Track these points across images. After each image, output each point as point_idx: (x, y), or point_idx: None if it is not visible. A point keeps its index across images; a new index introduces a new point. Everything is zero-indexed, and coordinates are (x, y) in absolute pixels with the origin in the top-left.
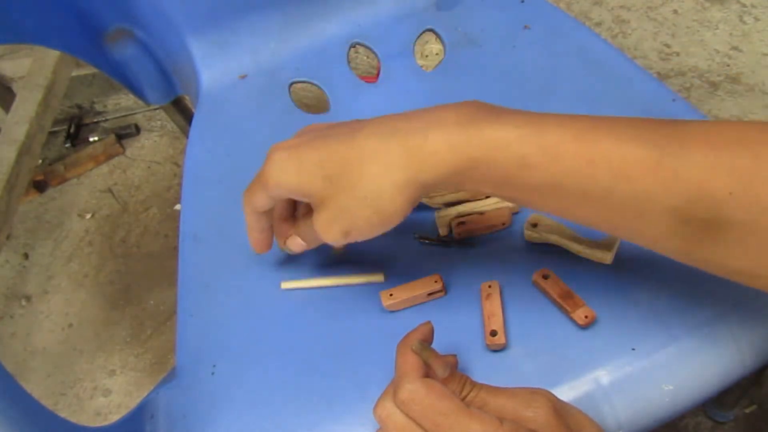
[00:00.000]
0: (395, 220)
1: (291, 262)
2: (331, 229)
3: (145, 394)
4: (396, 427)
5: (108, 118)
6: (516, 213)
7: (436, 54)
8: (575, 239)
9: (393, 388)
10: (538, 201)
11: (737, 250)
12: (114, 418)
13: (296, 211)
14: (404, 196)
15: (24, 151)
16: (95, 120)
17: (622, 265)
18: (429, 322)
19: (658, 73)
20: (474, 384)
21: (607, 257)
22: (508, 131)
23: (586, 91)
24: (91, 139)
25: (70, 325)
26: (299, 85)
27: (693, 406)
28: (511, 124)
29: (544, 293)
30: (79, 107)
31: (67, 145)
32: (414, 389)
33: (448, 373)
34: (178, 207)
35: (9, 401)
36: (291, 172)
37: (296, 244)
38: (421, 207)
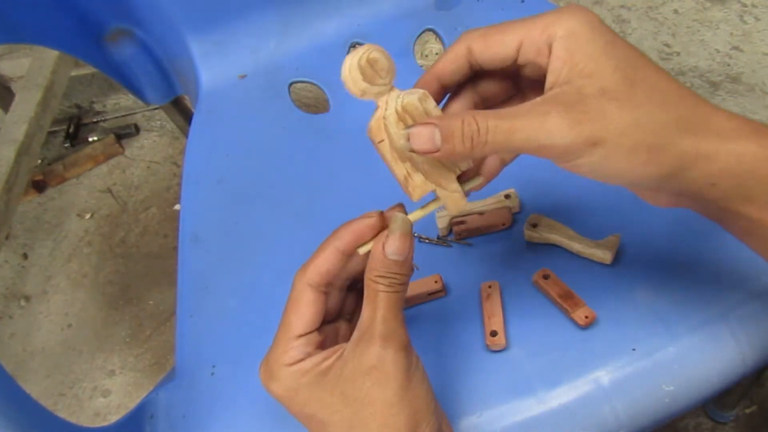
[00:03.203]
0: None
1: (290, 260)
2: None
3: (145, 394)
4: None
5: (107, 118)
6: (516, 213)
7: (436, 54)
8: (575, 239)
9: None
10: None
11: None
12: (113, 418)
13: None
14: None
15: (23, 151)
16: (94, 120)
17: (622, 265)
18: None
19: None
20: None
21: (607, 257)
22: None
23: None
24: (90, 139)
25: (70, 326)
26: (299, 85)
27: (693, 407)
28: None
29: (544, 293)
30: (79, 107)
31: (67, 145)
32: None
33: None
34: (177, 207)
35: (8, 402)
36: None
37: None
38: None
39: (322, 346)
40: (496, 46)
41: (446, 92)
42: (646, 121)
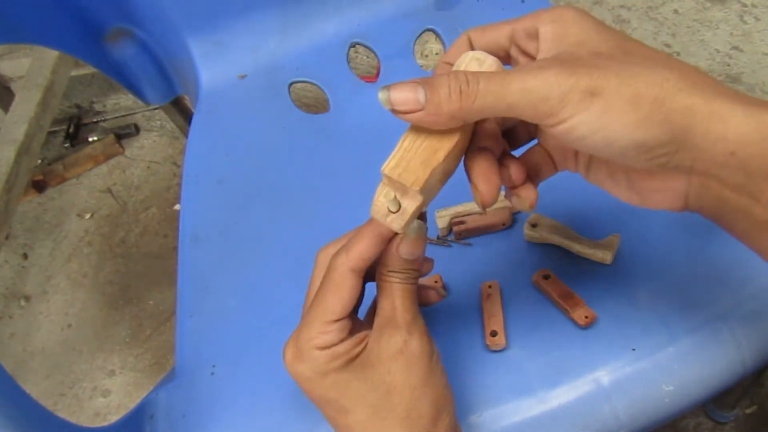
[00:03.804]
0: None
1: (290, 260)
2: None
3: (145, 394)
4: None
5: (107, 118)
6: (516, 213)
7: (436, 54)
8: (575, 239)
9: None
10: None
11: None
12: (113, 418)
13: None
14: None
15: (23, 150)
16: (94, 120)
17: (622, 265)
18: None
19: None
20: None
21: (607, 257)
22: None
23: None
24: (90, 139)
25: (70, 326)
26: (299, 85)
27: (693, 407)
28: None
29: (544, 293)
30: (79, 107)
31: (67, 145)
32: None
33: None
34: (177, 207)
35: (8, 402)
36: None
37: None
38: None
39: (351, 332)
40: (490, 34)
41: None
42: (646, 76)
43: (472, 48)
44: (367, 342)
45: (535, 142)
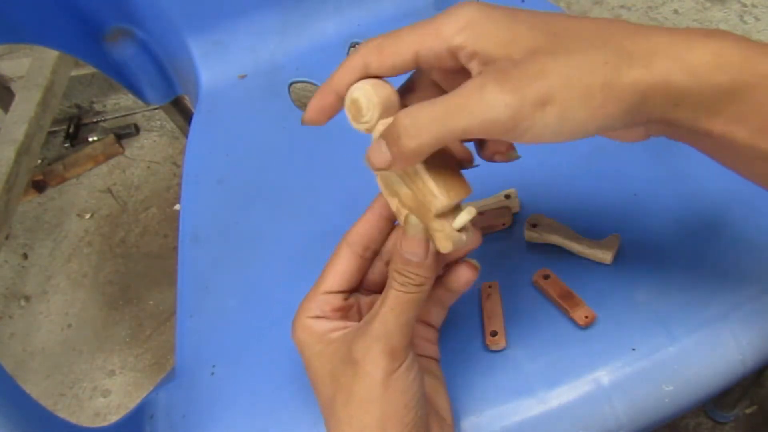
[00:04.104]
0: None
1: (290, 260)
2: None
3: (145, 394)
4: None
5: (107, 118)
6: (516, 213)
7: None
8: (575, 239)
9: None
10: None
11: None
12: (113, 418)
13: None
14: None
15: (23, 150)
16: (94, 120)
17: (622, 265)
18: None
19: None
20: None
21: (607, 257)
22: None
23: None
24: (90, 139)
25: (70, 326)
26: (299, 85)
27: (693, 407)
28: None
29: (544, 293)
30: (79, 107)
31: (67, 145)
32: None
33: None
34: (177, 207)
35: (8, 402)
36: None
37: None
38: None
39: (344, 310)
40: (391, 58)
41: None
42: (586, 64)
43: (369, 71)
44: (348, 330)
45: None
